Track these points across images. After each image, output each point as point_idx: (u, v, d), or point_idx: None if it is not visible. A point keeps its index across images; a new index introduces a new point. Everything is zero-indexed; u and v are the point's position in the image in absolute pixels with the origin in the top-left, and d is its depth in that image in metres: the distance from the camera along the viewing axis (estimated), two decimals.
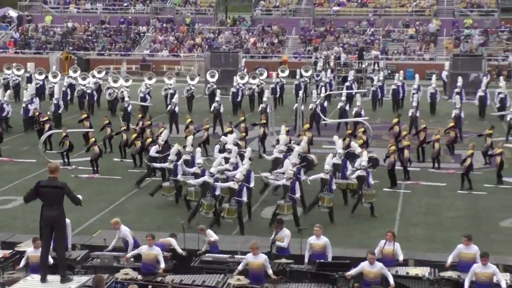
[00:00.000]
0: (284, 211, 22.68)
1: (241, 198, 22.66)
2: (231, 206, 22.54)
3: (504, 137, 35.27)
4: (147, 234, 17.74)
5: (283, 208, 22.74)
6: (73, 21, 74.32)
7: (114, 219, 19.12)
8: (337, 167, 25.66)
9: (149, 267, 17.13)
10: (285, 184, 23.27)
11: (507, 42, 65.85)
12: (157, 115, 40.44)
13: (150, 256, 17.24)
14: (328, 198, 23.60)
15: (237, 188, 22.67)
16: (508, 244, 21.91)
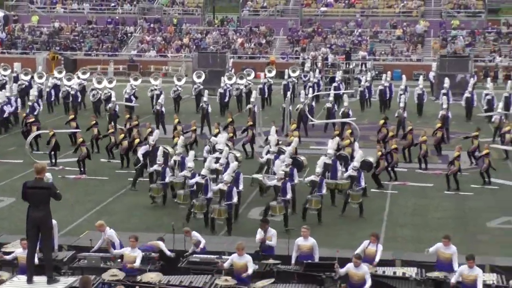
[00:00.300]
0: (276, 212, 22.70)
1: (230, 200, 22.60)
2: (221, 207, 22.49)
3: (490, 138, 35.37)
4: (130, 236, 17.67)
5: (275, 209, 22.76)
6: (60, 21, 74.11)
7: (98, 221, 19.05)
8: (327, 167, 25.65)
9: (130, 269, 17.05)
10: (276, 185, 23.26)
11: (493, 43, 66.07)
12: (144, 116, 40.34)
13: (131, 258, 17.17)
14: (315, 200, 23.60)
15: (226, 190, 22.60)
16: (494, 244, 22.01)
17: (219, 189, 22.89)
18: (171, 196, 25.91)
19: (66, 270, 17.25)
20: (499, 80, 58.29)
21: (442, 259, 17.19)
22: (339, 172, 25.91)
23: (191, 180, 23.89)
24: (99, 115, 41.06)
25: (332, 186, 25.49)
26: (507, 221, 24.36)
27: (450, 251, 17.19)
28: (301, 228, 18.36)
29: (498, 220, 24.50)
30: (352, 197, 24.50)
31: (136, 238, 17.59)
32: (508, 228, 23.77)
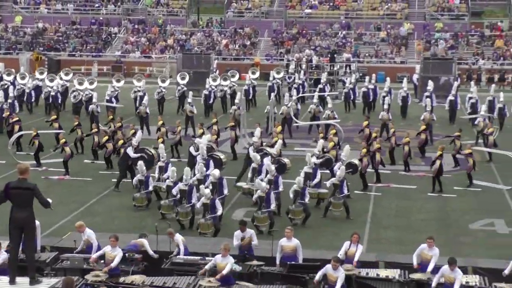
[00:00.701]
0: (261, 223, 22.66)
1: (215, 213, 22.28)
2: (207, 221, 22.18)
3: (474, 141, 35.51)
4: (110, 235, 17.65)
5: (259, 219, 22.69)
6: (44, 21, 73.90)
7: (78, 222, 19.02)
8: (308, 176, 25.65)
9: (112, 270, 17.02)
10: (260, 195, 23.19)
11: (477, 46, 66.36)
12: (127, 117, 40.28)
13: (112, 257, 17.16)
14: (297, 210, 23.58)
15: (210, 203, 22.31)
16: (477, 246, 22.10)
17: (203, 203, 22.46)
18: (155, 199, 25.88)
19: (49, 271, 17.18)
20: (482, 83, 58.53)
21: (425, 261, 17.29)
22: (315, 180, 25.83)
23: (173, 190, 23.79)
24: (79, 116, 40.89)
25: (315, 196, 25.45)
26: (489, 223, 24.46)
27: (432, 253, 17.27)
28: (285, 229, 18.38)
29: (480, 222, 24.59)
30: (334, 206, 24.48)
31: (117, 238, 17.57)
32: (490, 230, 23.87)
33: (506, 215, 25.35)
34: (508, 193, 28.04)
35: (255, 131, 29.99)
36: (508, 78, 59.81)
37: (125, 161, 28.25)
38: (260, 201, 23.07)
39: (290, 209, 23.71)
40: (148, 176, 25.72)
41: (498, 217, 25.02)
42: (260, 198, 23.11)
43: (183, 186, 23.48)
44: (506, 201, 27.10)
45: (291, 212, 23.64)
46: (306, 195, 23.87)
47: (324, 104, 41.87)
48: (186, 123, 37.41)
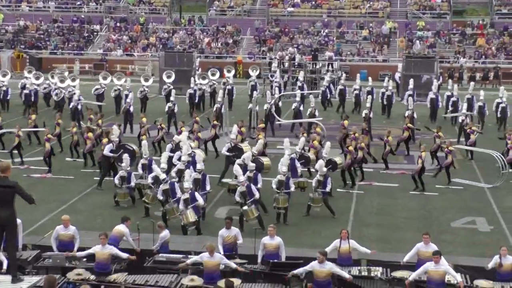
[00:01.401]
0: (250, 216, 22.66)
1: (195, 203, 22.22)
2: (169, 206, 22.43)
3: (455, 139, 35.67)
4: (100, 233, 17.62)
5: (247, 213, 22.69)
6: (25, 19, 73.58)
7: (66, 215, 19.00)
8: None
9: (103, 267, 17.02)
10: (242, 191, 23.18)
11: (458, 45, 66.62)
12: (109, 116, 40.23)
13: (104, 255, 17.13)
14: (282, 198, 23.65)
15: (189, 196, 22.24)
16: (458, 244, 22.20)
17: (183, 199, 22.40)
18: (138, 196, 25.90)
19: (31, 269, 17.15)
20: (464, 81, 58.75)
21: (424, 258, 17.02)
22: (298, 169, 25.96)
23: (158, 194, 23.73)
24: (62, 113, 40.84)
25: (295, 185, 25.50)
26: (471, 221, 24.58)
27: (430, 249, 17.17)
28: (268, 227, 18.38)
29: (462, 220, 24.71)
30: (314, 201, 24.54)
31: (107, 235, 17.59)
32: (472, 228, 23.98)
33: (487, 213, 25.49)
34: (489, 191, 28.18)
35: (232, 128, 30.03)
36: (491, 76, 59.99)
37: (107, 159, 28.19)
38: (244, 196, 23.03)
39: (275, 197, 23.76)
40: (130, 172, 25.69)
41: (479, 215, 25.15)
42: (243, 193, 23.06)
43: (164, 186, 23.44)
44: (488, 199, 27.22)
45: (276, 201, 23.69)
46: (291, 184, 23.88)
47: (303, 102, 41.76)
48: (169, 121, 37.33)
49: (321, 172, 24.67)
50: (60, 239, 18.52)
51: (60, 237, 18.52)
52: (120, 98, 41.22)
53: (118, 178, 25.80)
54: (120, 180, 25.63)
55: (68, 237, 18.47)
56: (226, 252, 18.16)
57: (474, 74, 59.76)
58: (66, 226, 18.59)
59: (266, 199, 24.65)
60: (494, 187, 28.55)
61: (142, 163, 26.38)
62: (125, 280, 16.45)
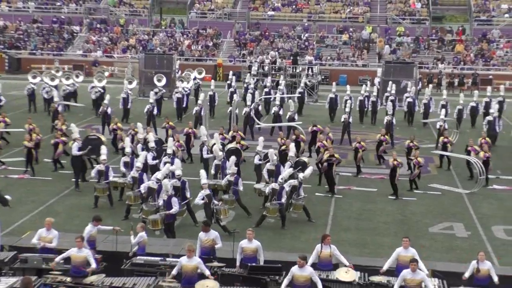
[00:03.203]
0: (222, 214, 22.71)
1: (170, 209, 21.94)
2: (154, 218, 22.02)
3: (433, 144, 35.87)
4: (76, 236, 17.52)
5: (220, 212, 22.75)
6: (4, 19, 73.26)
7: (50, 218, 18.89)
8: (271, 173, 25.75)
9: (79, 270, 16.92)
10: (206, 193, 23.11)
11: (437, 50, 66.95)
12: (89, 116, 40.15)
13: (80, 258, 17.03)
14: (272, 208, 23.59)
15: (166, 200, 22.07)
16: (436, 249, 22.27)
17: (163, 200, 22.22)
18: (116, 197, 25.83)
19: (7, 270, 17.04)
20: (442, 87, 59.05)
21: (404, 263, 16.99)
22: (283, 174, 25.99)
23: (141, 187, 23.61)
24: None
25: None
26: (448, 227, 24.66)
27: (410, 253, 17.23)
28: (246, 231, 18.36)
29: (440, 225, 24.80)
30: (294, 207, 24.55)
31: (82, 238, 17.48)
32: (449, 233, 24.06)
33: (465, 218, 25.60)
34: (467, 197, 28.30)
35: (201, 129, 30.07)
36: (468, 82, 60.29)
37: (78, 159, 28.09)
38: (208, 198, 22.95)
39: (266, 206, 23.77)
40: (108, 167, 25.63)
41: (457, 221, 25.25)
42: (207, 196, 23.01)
43: (152, 184, 23.33)
44: (465, 205, 27.34)
45: (266, 210, 23.70)
46: (283, 194, 23.86)
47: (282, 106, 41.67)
48: (148, 124, 37.19)
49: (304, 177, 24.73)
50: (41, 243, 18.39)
51: (41, 240, 18.40)
52: (102, 99, 40.96)
53: (95, 172, 25.70)
54: (97, 174, 25.54)
55: (49, 240, 18.36)
56: (204, 255, 18.11)
57: (452, 80, 60.05)
58: (48, 229, 18.46)
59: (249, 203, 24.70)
60: (472, 193, 28.68)
61: (125, 161, 26.29)
62: (102, 283, 16.37)
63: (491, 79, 60.29)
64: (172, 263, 17.30)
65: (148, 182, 23.59)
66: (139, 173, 24.48)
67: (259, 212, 24.41)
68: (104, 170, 25.51)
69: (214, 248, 18.47)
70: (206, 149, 28.77)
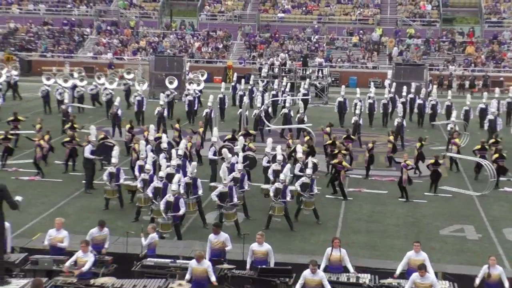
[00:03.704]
0: (230, 218, 22.70)
1: (177, 211, 22.01)
2: (164, 222, 21.86)
3: (444, 147, 35.78)
4: (81, 241, 17.54)
5: (227, 215, 22.73)
6: (15, 21, 73.43)
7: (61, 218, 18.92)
8: (278, 173, 25.72)
9: (83, 274, 16.91)
10: (222, 191, 23.14)
11: (448, 52, 66.80)
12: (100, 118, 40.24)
13: (82, 262, 17.05)
14: (278, 207, 23.59)
15: (173, 201, 22.02)
16: (447, 252, 22.22)
17: (166, 201, 22.17)
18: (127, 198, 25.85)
19: (18, 272, 17.08)
20: (453, 89, 58.91)
21: (414, 267, 16.89)
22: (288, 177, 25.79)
23: (148, 191, 23.61)
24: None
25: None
26: (459, 229, 24.60)
27: (421, 257, 17.19)
28: (256, 235, 18.35)
29: (450, 228, 24.74)
30: (305, 204, 24.55)
31: (87, 243, 17.48)
32: (460, 236, 24.00)
33: (476, 221, 25.53)
34: (477, 199, 28.23)
35: (213, 131, 30.10)
36: (479, 84, 60.07)
37: (89, 161, 28.15)
38: (223, 197, 22.98)
39: (271, 205, 23.75)
40: (119, 168, 25.67)
41: (468, 223, 25.19)
42: (222, 194, 23.02)
43: (157, 184, 23.35)
44: (476, 207, 27.27)
45: (271, 209, 23.69)
46: (288, 193, 23.86)
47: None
48: (158, 126, 37.22)
49: (308, 175, 24.75)
50: (51, 242, 18.43)
51: (51, 240, 18.43)
52: (112, 102, 40.94)
53: (107, 174, 25.75)
54: (109, 177, 25.58)
55: (60, 240, 18.39)
56: (214, 257, 18.14)
57: (463, 82, 59.84)
58: (58, 228, 18.49)
59: (252, 205, 24.68)
60: (483, 195, 28.60)
61: (139, 165, 26.25)
62: (112, 284, 16.40)
63: (502, 81, 60.11)
64: (182, 265, 17.32)
65: (153, 182, 23.59)
66: (150, 175, 24.45)
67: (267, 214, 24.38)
68: (115, 172, 25.56)
69: (225, 250, 18.48)
70: (214, 150, 28.82)
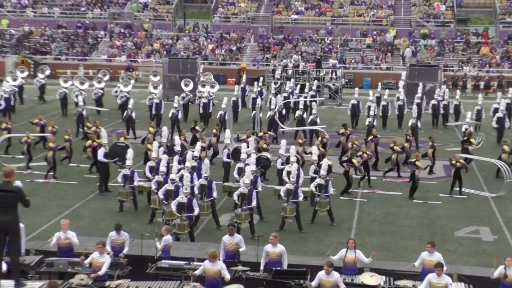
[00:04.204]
0: (242, 220, 22.69)
1: (191, 212, 22.04)
2: (181, 222, 21.88)
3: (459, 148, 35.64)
4: (97, 242, 17.56)
5: (240, 217, 22.73)
6: (30, 24, 73.71)
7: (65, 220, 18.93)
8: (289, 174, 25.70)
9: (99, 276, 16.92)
10: (242, 192, 23.19)
11: (462, 53, 66.59)
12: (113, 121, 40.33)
13: (99, 263, 17.05)
14: (290, 208, 23.60)
15: (186, 202, 22.06)
16: (462, 253, 22.15)
17: (178, 202, 22.19)
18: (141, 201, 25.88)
19: (33, 274, 17.12)
20: (468, 90, 58.77)
21: (429, 267, 16.82)
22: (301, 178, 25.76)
23: (159, 193, 23.64)
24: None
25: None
26: (474, 231, 24.52)
27: (436, 257, 17.10)
28: (270, 236, 18.33)
29: (465, 229, 24.66)
30: (320, 205, 24.55)
31: (104, 244, 17.49)
32: (475, 237, 23.92)
33: (491, 222, 25.44)
34: (493, 201, 28.12)
35: (226, 133, 30.11)
36: (494, 85, 59.83)
37: (103, 164, 28.23)
38: (242, 199, 23.02)
39: (283, 206, 23.76)
40: (133, 171, 25.73)
41: (483, 225, 25.10)
42: (242, 196, 23.06)
43: (169, 186, 23.37)
44: (491, 209, 27.17)
45: (283, 210, 23.70)
46: (299, 194, 23.88)
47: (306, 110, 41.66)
48: (172, 127, 37.32)
49: (322, 175, 24.75)
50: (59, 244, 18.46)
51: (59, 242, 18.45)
52: (126, 104, 40.95)
53: (121, 176, 25.82)
54: (123, 179, 25.64)
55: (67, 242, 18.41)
56: (228, 259, 18.13)
57: (478, 83, 59.61)
58: (65, 230, 18.51)
59: (266, 207, 24.67)
60: (498, 196, 28.49)
61: (150, 166, 26.33)
62: (127, 287, 16.41)
63: None
64: (197, 267, 17.31)
65: (165, 185, 23.62)
66: (164, 177, 24.46)
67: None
68: (129, 174, 25.61)
69: (239, 251, 18.47)
70: (227, 152, 28.85)
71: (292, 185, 23.89)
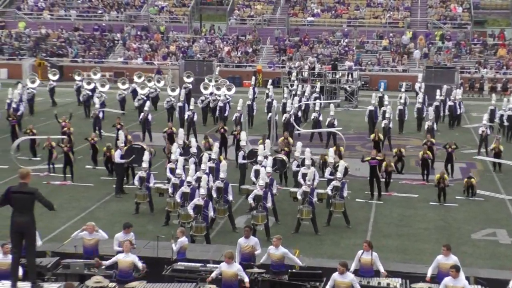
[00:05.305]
0: (259, 221, 22.68)
1: (206, 214, 22.10)
2: (198, 224, 21.93)
3: (475, 150, 35.54)
4: (124, 241, 17.61)
5: (257, 218, 22.72)
6: (47, 27, 74.02)
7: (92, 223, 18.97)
8: (304, 177, 25.69)
9: (125, 274, 16.96)
10: (257, 193, 23.20)
11: (479, 55, 66.35)
12: (129, 124, 40.42)
13: (126, 263, 17.08)
14: (306, 210, 23.59)
15: (203, 204, 22.07)
16: (479, 256, 22.04)
17: (195, 205, 22.19)
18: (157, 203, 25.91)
19: (50, 276, 17.16)
20: (485, 92, 58.55)
21: (445, 271, 16.64)
22: (316, 180, 25.69)
23: (176, 196, 23.66)
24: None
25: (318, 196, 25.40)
26: (491, 233, 24.41)
27: (451, 261, 16.98)
28: (273, 237, 18.31)
29: (482, 231, 24.55)
30: (335, 206, 24.53)
31: (131, 242, 17.56)
32: (492, 240, 23.81)
33: (508, 225, 25.30)
34: (510, 203, 27.98)
35: (241, 135, 30.13)
36: (511, 87, 59.55)
37: (120, 166, 28.29)
38: (258, 200, 23.02)
39: (299, 208, 23.76)
40: (149, 173, 25.77)
41: (500, 227, 24.97)
42: (258, 197, 23.06)
43: (185, 189, 23.38)
44: (508, 211, 27.04)
45: (299, 212, 23.70)
46: (314, 196, 23.90)
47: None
48: (188, 130, 37.36)
49: (338, 178, 24.73)
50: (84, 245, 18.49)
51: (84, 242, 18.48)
52: (143, 107, 40.96)
53: (137, 179, 25.88)
54: (139, 181, 25.69)
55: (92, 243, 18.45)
56: (244, 261, 18.08)
57: (495, 85, 59.35)
58: (91, 232, 18.52)
59: (282, 209, 24.64)
60: None
61: (170, 167, 26.35)
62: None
63: None
64: (212, 269, 17.30)
65: (182, 188, 23.62)
66: (180, 180, 24.47)
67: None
68: (146, 176, 25.65)
69: (254, 254, 18.45)
70: (242, 154, 28.87)
71: (308, 188, 23.87)
